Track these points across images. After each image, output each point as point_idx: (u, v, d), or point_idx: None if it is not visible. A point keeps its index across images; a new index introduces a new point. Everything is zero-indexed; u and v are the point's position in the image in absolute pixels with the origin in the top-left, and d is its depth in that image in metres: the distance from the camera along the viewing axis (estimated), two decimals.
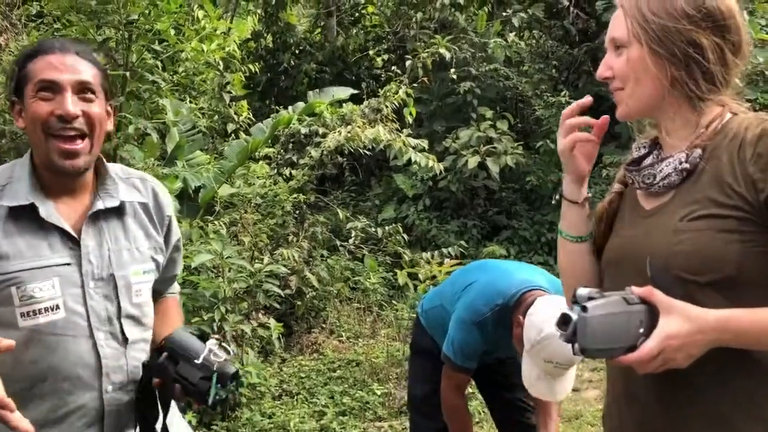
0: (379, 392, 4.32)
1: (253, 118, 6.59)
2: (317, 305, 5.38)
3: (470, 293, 2.33)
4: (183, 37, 4.39)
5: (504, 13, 8.21)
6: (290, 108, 6.27)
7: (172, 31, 4.18)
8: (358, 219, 6.20)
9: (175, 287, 1.77)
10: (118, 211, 1.50)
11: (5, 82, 1.52)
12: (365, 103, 5.86)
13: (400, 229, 5.96)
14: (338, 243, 5.88)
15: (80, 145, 1.41)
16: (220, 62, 4.89)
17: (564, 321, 1.08)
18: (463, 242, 6.53)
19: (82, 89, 1.42)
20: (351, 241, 5.85)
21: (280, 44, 8.86)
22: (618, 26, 1.26)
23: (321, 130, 5.86)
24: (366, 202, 7.71)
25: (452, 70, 7.46)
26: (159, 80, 4.11)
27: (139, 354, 1.49)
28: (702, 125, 1.21)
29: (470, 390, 3.04)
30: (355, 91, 7.05)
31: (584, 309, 1.06)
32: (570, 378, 2.17)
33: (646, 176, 1.25)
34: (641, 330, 1.08)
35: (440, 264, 5.19)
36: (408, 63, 6.35)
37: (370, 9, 9.44)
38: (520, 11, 8.03)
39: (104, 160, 1.53)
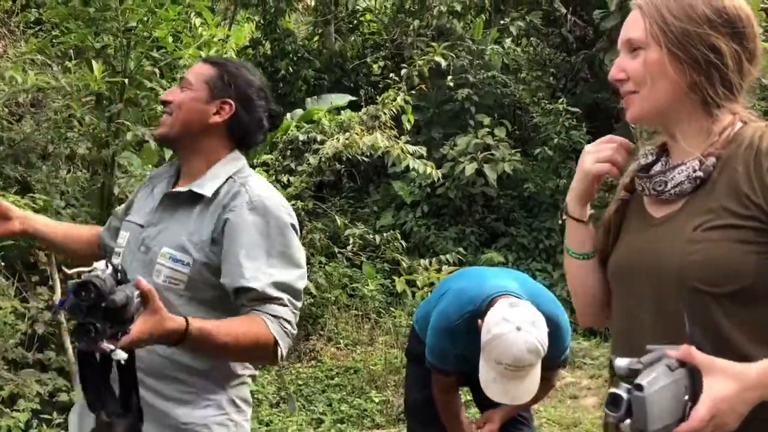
0: (377, 400, 4.32)
1: None
2: (315, 312, 5.38)
3: (444, 301, 2.35)
4: (181, 45, 4.39)
5: (501, 21, 8.23)
6: (288, 115, 6.28)
7: (171, 39, 4.18)
8: (356, 226, 6.20)
9: (274, 309, 1.57)
10: (190, 200, 1.68)
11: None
12: (363, 110, 5.87)
13: (398, 236, 5.96)
14: (336, 250, 5.88)
15: (165, 119, 1.75)
16: None
17: (614, 401, 0.98)
18: (461, 249, 6.53)
19: (182, 84, 1.76)
20: (349, 247, 5.85)
21: (278, 51, 8.88)
22: (635, 27, 1.23)
23: (319, 137, 5.86)
24: (364, 209, 7.71)
25: (450, 78, 7.48)
26: (157, 87, 4.12)
27: None
28: (715, 133, 1.19)
29: (469, 397, 3.04)
30: (353, 98, 7.06)
31: (639, 387, 0.96)
32: (530, 382, 2.11)
33: (657, 183, 1.23)
34: (686, 397, 1.00)
35: (438, 271, 5.19)
36: (405, 70, 6.38)
37: (368, 16, 9.47)
38: (518, 19, 8.06)
39: (217, 160, 1.73)
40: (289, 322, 1.57)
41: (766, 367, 1.04)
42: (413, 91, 6.18)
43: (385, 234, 6.00)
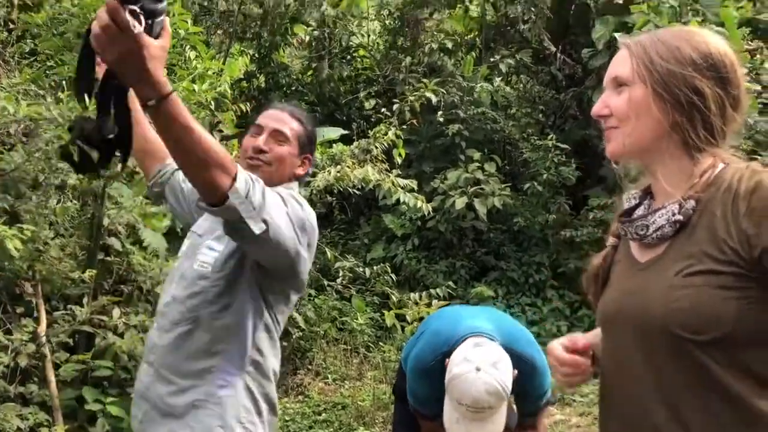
0: None
1: None
2: (304, 346, 5.33)
3: (420, 342, 2.34)
4: (175, 77, 4.42)
5: (491, 59, 8.36)
6: None
7: (165, 71, 4.22)
8: (347, 258, 6.18)
9: None
10: None
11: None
12: (355, 143, 5.91)
13: (389, 269, 5.95)
14: (326, 282, 5.85)
15: (261, 167, 1.88)
16: (212, 102, 4.93)
17: None
18: (451, 283, 6.52)
19: (276, 134, 1.91)
20: (339, 280, 5.83)
21: (272, 84, 8.96)
22: (622, 65, 1.26)
23: (311, 170, 5.88)
24: (355, 241, 7.71)
25: (440, 113, 7.56)
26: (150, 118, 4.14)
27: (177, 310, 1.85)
28: (696, 175, 1.20)
29: None
30: (346, 132, 7.10)
31: None
32: (493, 425, 2.08)
33: (639, 227, 1.23)
34: None
35: (428, 305, 5.18)
36: (397, 105, 6.45)
37: (361, 52, 9.59)
38: (508, 57, 8.19)
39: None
40: (254, 182, 1.58)
41: None
42: (404, 126, 6.24)
43: (375, 267, 5.99)
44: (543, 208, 7.42)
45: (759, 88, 7.91)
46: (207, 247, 1.85)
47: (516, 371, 2.13)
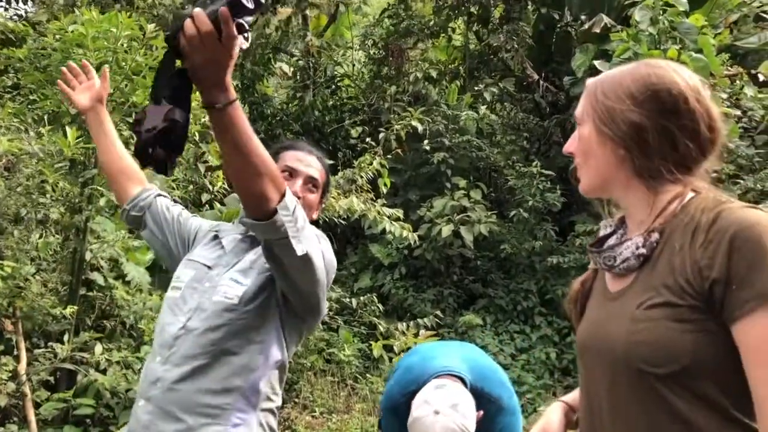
0: None
1: (229, 188, 6.60)
2: (290, 378, 5.26)
3: (392, 379, 2.31)
4: None
5: (476, 87, 8.45)
6: None
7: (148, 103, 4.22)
8: (333, 289, 6.14)
9: None
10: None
11: None
12: (340, 173, 5.92)
13: (375, 300, 5.91)
14: None
15: None
16: (196, 134, 4.92)
17: None
18: (439, 312, 6.49)
19: (310, 181, 1.90)
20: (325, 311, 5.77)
21: (256, 115, 8.99)
22: (579, 104, 1.30)
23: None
24: (342, 271, 7.67)
25: (426, 141, 7.60)
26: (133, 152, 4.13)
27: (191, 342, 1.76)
28: (659, 206, 1.20)
29: None
30: (331, 162, 7.11)
31: None
32: None
33: (607, 258, 1.24)
34: None
35: (416, 335, 5.14)
36: (382, 134, 6.47)
37: (346, 82, 9.66)
38: (492, 85, 8.28)
39: None
40: (298, 207, 1.58)
41: None
42: (390, 155, 6.26)
43: (362, 297, 5.95)
44: (529, 234, 7.44)
45: (739, 113, 8.04)
46: (231, 279, 1.78)
47: (481, 412, 2.10)
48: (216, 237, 1.96)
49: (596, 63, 7.27)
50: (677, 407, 1.10)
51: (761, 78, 8.85)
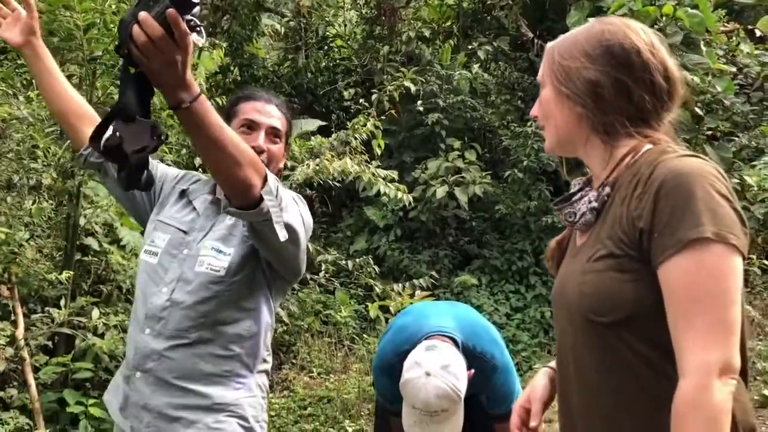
0: (351, 429, 4.26)
1: None
2: (288, 340, 5.31)
3: (385, 339, 2.33)
4: None
5: (469, 46, 8.34)
6: None
7: None
8: (329, 252, 6.16)
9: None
10: None
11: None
12: (334, 135, 5.87)
13: (371, 261, 5.93)
14: (309, 276, 5.83)
15: None
16: None
17: None
18: (434, 273, 6.53)
19: (271, 132, 1.84)
20: (322, 274, 5.81)
21: (248, 77, 8.87)
22: (540, 68, 1.34)
23: (289, 163, 5.84)
24: (337, 234, 7.69)
25: (419, 102, 7.53)
26: None
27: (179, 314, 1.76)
28: (615, 161, 1.23)
29: None
30: (324, 123, 7.05)
31: None
32: (450, 427, 2.05)
33: (568, 214, 1.28)
34: None
35: (411, 296, 5.17)
36: (375, 95, 6.41)
37: (338, 42, 9.53)
38: (486, 44, 8.17)
39: None
40: (279, 186, 1.57)
41: None
42: (384, 116, 6.21)
43: (358, 259, 5.97)
44: (524, 195, 7.44)
45: (735, 69, 7.98)
46: (213, 249, 1.75)
47: (472, 370, 2.12)
48: (184, 195, 1.92)
49: (591, 21, 7.17)
50: (625, 355, 1.14)
51: (758, 34, 8.76)
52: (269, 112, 1.85)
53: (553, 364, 1.45)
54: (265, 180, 1.48)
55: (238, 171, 1.42)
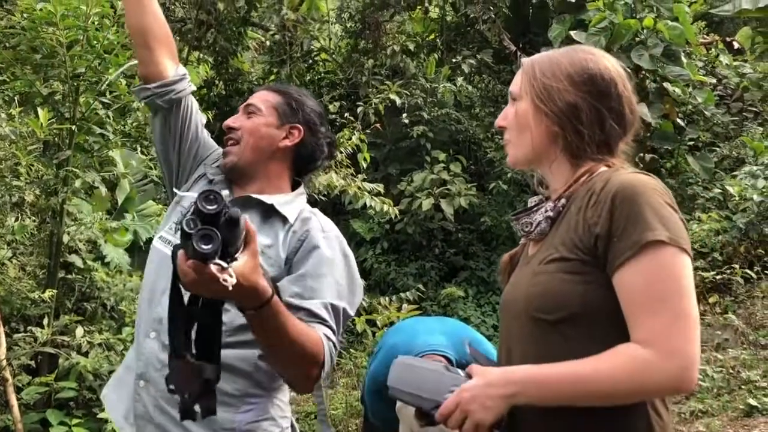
0: None
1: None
2: None
3: (376, 360, 2.30)
4: (135, 87, 4.33)
5: (453, 59, 8.40)
6: None
7: (123, 81, 4.13)
8: None
9: (325, 330, 1.54)
10: (271, 212, 1.67)
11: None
12: None
13: None
14: None
15: (232, 148, 1.72)
16: None
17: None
18: (421, 285, 6.53)
19: (245, 109, 1.74)
20: None
21: (232, 91, 8.87)
22: (515, 81, 1.38)
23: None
24: None
25: (404, 115, 7.57)
26: (108, 132, 4.05)
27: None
28: (572, 179, 1.30)
29: None
30: None
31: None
32: None
33: (524, 225, 1.35)
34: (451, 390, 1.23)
35: (399, 309, 5.16)
36: (361, 108, 6.42)
37: (323, 56, 9.55)
38: (469, 57, 8.24)
39: (280, 184, 1.75)
40: (335, 347, 1.53)
41: (514, 369, 1.23)
42: (369, 130, 6.22)
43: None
44: (509, 206, 7.48)
45: (715, 80, 8.10)
46: None
47: None
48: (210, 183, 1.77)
49: (573, 33, 7.25)
50: (567, 353, 1.20)
51: (736, 45, 8.91)
52: (260, 96, 1.78)
53: None
54: (322, 366, 1.46)
55: (296, 370, 1.45)
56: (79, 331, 3.84)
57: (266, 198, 1.68)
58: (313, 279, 1.57)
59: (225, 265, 1.17)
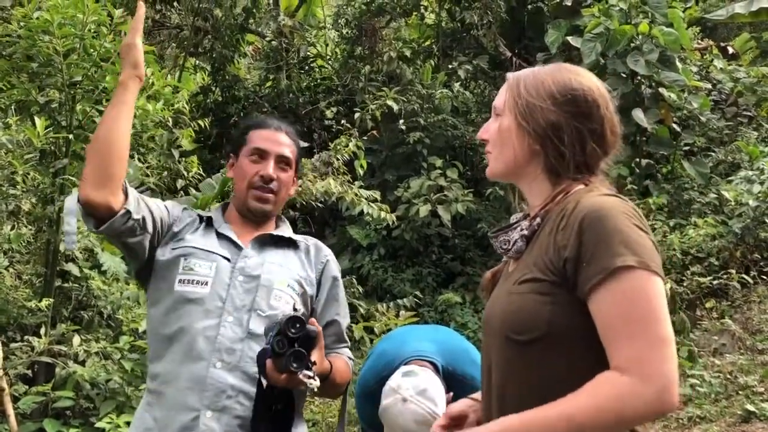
0: None
1: (203, 173, 6.52)
2: None
3: (366, 364, 2.32)
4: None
5: (449, 66, 8.42)
6: None
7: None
8: None
9: (347, 352, 1.99)
10: (282, 243, 1.90)
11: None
12: (316, 156, 5.88)
13: (355, 281, 5.92)
14: None
15: (270, 197, 1.88)
16: (170, 119, 4.85)
17: None
18: (418, 292, 6.53)
19: (282, 160, 1.88)
20: None
21: (228, 98, 8.88)
22: (499, 96, 1.39)
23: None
24: None
25: (401, 121, 7.58)
26: None
27: (259, 348, 1.70)
28: (550, 196, 1.31)
29: None
30: (306, 144, 7.06)
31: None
32: None
33: (502, 242, 1.35)
34: None
35: (396, 316, 5.16)
36: (358, 114, 6.44)
37: (320, 62, 9.57)
38: (465, 63, 8.26)
39: (284, 218, 2.02)
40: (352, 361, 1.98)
41: (489, 426, 1.22)
42: (365, 136, 6.24)
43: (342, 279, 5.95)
44: (506, 212, 7.49)
45: (710, 85, 8.14)
46: (290, 287, 1.84)
47: (451, 393, 2.12)
48: (208, 224, 1.85)
49: (569, 39, 7.28)
50: (540, 373, 1.21)
51: (730, 51, 8.95)
52: (279, 141, 1.89)
53: (477, 395, 1.49)
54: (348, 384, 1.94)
55: (335, 393, 1.97)
56: (76, 339, 3.83)
57: (279, 232, 1.94)
58: (339, 306, 1.94)
59: (311, 374, 1.52)
